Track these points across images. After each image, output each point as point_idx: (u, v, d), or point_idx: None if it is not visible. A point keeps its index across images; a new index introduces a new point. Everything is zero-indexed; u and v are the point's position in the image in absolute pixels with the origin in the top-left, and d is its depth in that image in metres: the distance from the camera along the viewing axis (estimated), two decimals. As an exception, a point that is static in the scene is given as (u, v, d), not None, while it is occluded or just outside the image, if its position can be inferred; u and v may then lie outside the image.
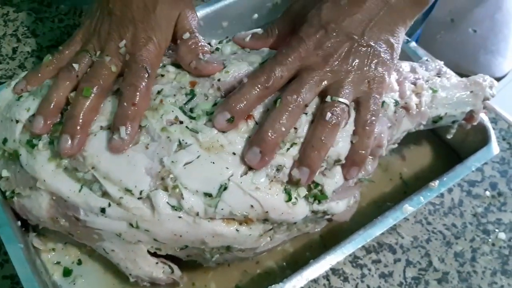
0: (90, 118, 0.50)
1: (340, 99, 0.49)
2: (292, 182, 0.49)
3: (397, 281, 0.60)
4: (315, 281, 0.59)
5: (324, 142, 0.49)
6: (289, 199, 0.49)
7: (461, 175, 0.62)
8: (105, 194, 0.49)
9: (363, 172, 0.53)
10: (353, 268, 0.61)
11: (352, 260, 0.61)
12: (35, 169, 0.50)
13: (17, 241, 0.52)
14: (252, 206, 0.48)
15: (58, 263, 0.58)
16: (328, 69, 0.50)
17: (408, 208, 0.58)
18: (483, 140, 0.65)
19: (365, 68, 0.51)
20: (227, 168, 0.48)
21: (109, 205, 0.49)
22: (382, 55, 0.52)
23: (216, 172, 0.48)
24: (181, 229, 0.49)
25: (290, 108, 0.48)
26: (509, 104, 0.85)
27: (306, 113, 0.50)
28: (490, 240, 0.65)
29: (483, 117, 0.64)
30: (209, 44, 0.60)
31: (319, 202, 0.51)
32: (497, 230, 0.65)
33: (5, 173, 0.53)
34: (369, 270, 0.61)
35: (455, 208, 0.67)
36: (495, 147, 0.64)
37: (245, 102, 0.49)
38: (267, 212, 0.49)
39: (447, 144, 0.71)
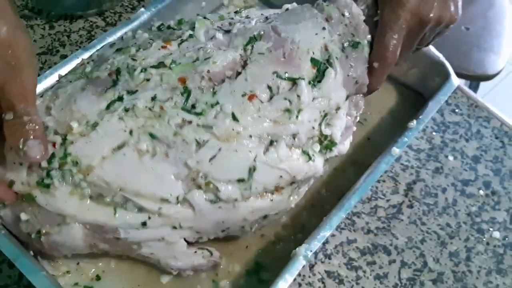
0: None
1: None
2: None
3: (392, 282, 0.61)
4: (310, 284, 0.59)
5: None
6: (309, 158, 0.53)
7: (434, 110, 0.67)
8: (141, 209, 0.50)
9: (356, 109, 0.59)
10: (348, 270, 0.61)
11: (347, 262, 0.62)
12: (59, 207, 0.49)
13: (38, 269, 0.52)
14: (281, 176, 0.52)
15: (76, 284, 0.57)
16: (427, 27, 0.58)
17: (396, 150, 0.62)
18: (443, 76, 0.71)
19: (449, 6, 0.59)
20: (250, 151, 0.51)
21: (149, 218, 0.50)
22: None
23: (241, 158, 0.50)
24: (223, 216, 0.52)
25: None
26: (502, 102, 0.85)
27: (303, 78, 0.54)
28: (484, 239, 0.65)
29: (438, 53, 0.71)
30: (168, 27, 0.59)
31: (331, 150, 0.56)
32: (491, 229, 0.66)
33: (24, 216, 0.50)
34: (364, 272, 0.61)
35: (449, 207, 0.67)
36: (454, 79, 0.70)
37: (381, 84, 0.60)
38: (294, 176, 0.53)
39: (409, 88, 0.76)
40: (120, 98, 0.51)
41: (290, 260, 0.54)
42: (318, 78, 0.54)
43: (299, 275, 0.58)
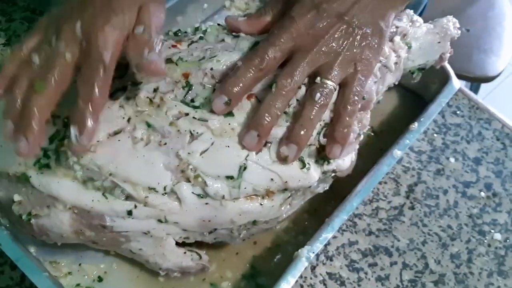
0: (45, 115, 0.46)
1: (329, 82, 0.52)
2: (280, 158, 0.51)
3: (393, 284, 0.61)
4: (311, 285, 0.59)
5: (312, 121, 0.51)
6: (304, 165, 0.52)
7: (435, 112, 0.67)
8: (129, 197, 0.50)
9: (360, 126, 0.57)
10: (350, 272, 0.61)
11: (348, 264, 0.62)
12: (51, 188, 0.50)
13: (40, 270, 0.52)
14: (272, 179, 0.51)
15: (78, 285, 0.57)
16: (319, 50, 0.52)
17: (397, 152, 0.62)
18: (443, 78, 0.70)
19: (353, 50, 0.53)
20: (242, 149, 0.50)
21: (135, 206, 0.50)
22: (370, 39, 0.54)
23: (233, 154, 0.50)
24: (209, 214, 0.51)
25: (284, 92, 0.50)
26: (503, 103, 0.85)
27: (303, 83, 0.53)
28: (486, 241, 0.65)
29: None
30: (185, 32, 0.60)
31: (328, 162, 0.54)
32: (492, 230, 0.66)
33: (17, 197, 0.51)
34: (366, 273, 0.61)
35: (451, 209, 0.67)
36: (455, 81, 0.69)
37: (240, 85, 0.50)
38: (286, 182, 0.52)
39: (411, 91, 0.76)
40: (124, 88, 0.52)
41: (292, 261, 0.54)
42: None
43: (300, 276, 0.58)
